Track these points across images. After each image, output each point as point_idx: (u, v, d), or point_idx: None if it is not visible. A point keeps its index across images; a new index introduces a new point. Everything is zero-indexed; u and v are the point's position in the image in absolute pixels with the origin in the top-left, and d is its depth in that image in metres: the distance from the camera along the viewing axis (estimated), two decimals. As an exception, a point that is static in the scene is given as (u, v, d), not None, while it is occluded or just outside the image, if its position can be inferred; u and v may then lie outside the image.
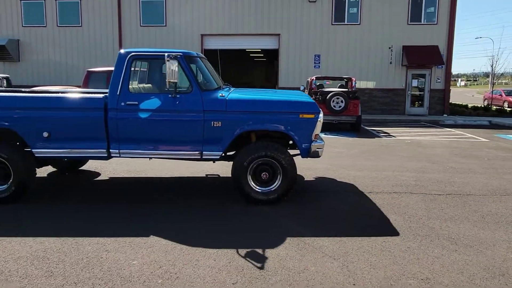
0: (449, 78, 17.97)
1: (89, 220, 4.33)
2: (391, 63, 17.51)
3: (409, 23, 17.19)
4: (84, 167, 6.77)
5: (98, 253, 3.50)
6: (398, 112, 17.92)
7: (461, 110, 19.39)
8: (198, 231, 4.05)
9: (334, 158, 7.79)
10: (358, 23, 17.33)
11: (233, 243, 3.72)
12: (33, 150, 4.79)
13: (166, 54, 4.44)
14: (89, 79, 10.87)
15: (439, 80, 17.74)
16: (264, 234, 3.97)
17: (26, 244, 3.69)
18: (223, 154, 4.95)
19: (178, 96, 4.69)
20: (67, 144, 4.78)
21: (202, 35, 18.24)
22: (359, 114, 12.05)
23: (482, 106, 22.03)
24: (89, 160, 6.78)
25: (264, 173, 4.82)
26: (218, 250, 3.58)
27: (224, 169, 6.69)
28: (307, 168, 6.69)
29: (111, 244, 3.70)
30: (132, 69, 4.81)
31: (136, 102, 4.69)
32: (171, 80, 4.45)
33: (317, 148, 4.85)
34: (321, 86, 13.32)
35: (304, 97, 5.17)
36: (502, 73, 23.60)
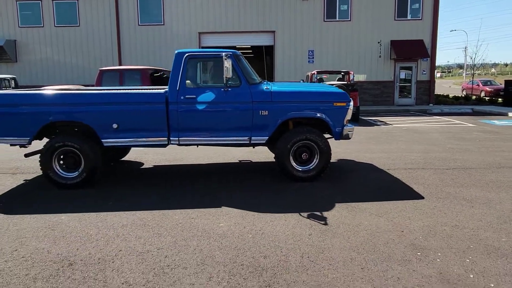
0: (433, 70, 19.22)
1: (159, 199, 5.05)
2: (380, 57, 18.59)
3: (396, 19, 18.28)
4: (124, 158, 7.44)
5: (187, 220, 4.25)
6: (388, 103, 19.06)
7: (444, 100, 20.70)
8: (259, 203, 4.83)
9: (345, 144, 8.68)
10: (349, 19, 18.31)
11: (293, 209, 4.53)
12: (102, 141, 5.46)
13: (223, 54, 5.20)
14: (102, 78, 11.47)
15: (424, 72, 18.96)
16: (315, 203, 4.79)
17: (121, 216, 4.40)
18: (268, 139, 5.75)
19: (229, 89, 5.45)
20: (132, 134, 5.47)
21: (200, 33, 18.86)
22: (358, 105, 13.01)
23: (463, 96, 23.48)
24: (129, 151, 7.46)
25: (304, 154, 5.64)
26: (283, 214, 4.38)
27: (250, 155, 7.48)
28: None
29: (194, 213, 4.44)
30: (188, 67, 5.52)
31: (194, 96, 5.42)
32: (227, 76, 5.21)
33: (348, 131, 5.71)
34: (321, 79, 14.22)
35: (334, 88, 6.01)
36: (481, 64, 25.11)
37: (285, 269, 3.13)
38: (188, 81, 5.53)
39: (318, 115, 5.57)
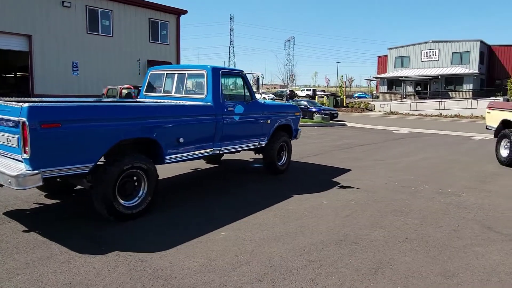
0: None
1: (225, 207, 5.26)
2: (139, 74, 19.63)
3: (150, 41, 19.93)
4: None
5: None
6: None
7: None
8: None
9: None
10: (111, 35, 18.20)
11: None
12: (166, 157, 4.79)
13: (256, 73, 5.97)
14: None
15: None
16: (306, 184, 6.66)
17: (216, 234, 4.63)
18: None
19: (249, 103, 6.19)
20: (189, 148, 5.13)
21: None
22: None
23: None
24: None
25: (282, 151, 7.18)
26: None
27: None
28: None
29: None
30: (221, 82, 5.75)
31: (232, 108, 5.78)
32: (255, 91, 6.05)
33: (299, 133, 7.76)
34: (129, 94, 13.92)
35: (293, 105, 7.86)
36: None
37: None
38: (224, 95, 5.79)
39: (290, 122, 7.31)
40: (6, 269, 3.23)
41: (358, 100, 47.67)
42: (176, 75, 6.13)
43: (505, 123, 8.84)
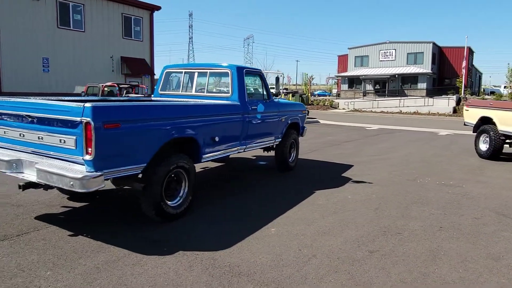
0: (153, 85, 21.74)
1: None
2: (113, 71, 18.92)
3: (123, 37, 19.25)
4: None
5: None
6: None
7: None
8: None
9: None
10: (83, 30, 17.37)
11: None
12: (203, 156, 4.77)
13: (276, 72, 6.05)
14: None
15: (146, 88, 21.11)
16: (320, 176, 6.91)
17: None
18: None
19: (268, 101, 6.27)
20: (222, 146, 5.14)
21: None
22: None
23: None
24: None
25: (292, 149, 7.34)
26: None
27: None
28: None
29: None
30: (244, 81, 5.78)
31: (255, 107, 5.83)
32: (273, 90, 6.14)
33: (305, 130, 7.94)
34: (111, 92, 13.38)
35: (300, 103, 8.00)
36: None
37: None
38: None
39: (298, 119, 7.47)
40: (79, 274, 3.13)
41: (322, 98, 48.90)
42: (196, 73, 6.09)
43: (483, 120, 9.59)
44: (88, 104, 3.34)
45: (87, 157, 3.38)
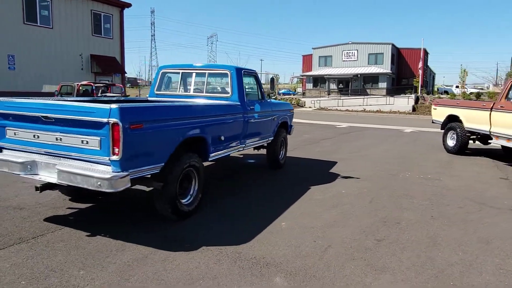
0: (124, 84, 21.19)
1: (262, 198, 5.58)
2: (82, 69, 18.28)
3: (93, 34, 18.63)
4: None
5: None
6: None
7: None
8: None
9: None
10: (51, 27, 16.65)
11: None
12: (210, 155, 4.89)
13: (271, 73, 6.26)
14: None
15: (118, 87, 20.56)
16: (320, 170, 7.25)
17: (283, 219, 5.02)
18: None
19: (263, 101, 6.47)
20: (225, 145, 5.27)
21: None
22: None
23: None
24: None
25: (281, 147, 7.59)
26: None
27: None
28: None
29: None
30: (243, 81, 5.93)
31: (253, 107, 6.00)
32: (270, 90, 6.36)
33: (292, 129, 8.22)
34: (87, 92, 12.93)
35: (288, 103, 8.21)
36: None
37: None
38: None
39: (287, 119, 7.73)
40: (113, 271, 3.19)
41: (288, 96, 49.72)
42: (193, 74, 6.17)
43: (450, 118, 10.35)
44: (114, 105, 3.39)
45: (114, 158, 3.43)
